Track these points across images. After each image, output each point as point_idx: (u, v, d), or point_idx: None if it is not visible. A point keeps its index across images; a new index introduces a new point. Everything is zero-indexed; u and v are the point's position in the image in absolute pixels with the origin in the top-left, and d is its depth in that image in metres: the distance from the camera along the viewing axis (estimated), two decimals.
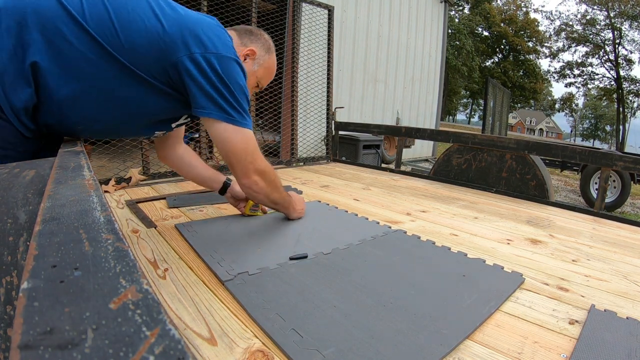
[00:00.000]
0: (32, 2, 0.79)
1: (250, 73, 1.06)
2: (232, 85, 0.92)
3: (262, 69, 1.11)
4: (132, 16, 0.84)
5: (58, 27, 0.79)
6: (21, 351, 0.17)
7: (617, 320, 0.80)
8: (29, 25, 0.78)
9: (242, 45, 1.06)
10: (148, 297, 0.22)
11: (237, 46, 1.03)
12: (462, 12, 33.62)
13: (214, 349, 0.64)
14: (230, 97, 0.92)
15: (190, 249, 1.07)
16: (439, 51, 7.82)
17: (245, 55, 1.06)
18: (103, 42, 0.82)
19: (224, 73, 0.90)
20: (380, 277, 0.93)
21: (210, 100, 0.91)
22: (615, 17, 26.97)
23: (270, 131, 4.04)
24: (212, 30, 0.92)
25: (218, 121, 0.93)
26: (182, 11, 0.93)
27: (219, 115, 0.92)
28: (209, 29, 0.91)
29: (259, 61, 1.09)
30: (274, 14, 3.43)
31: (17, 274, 0.43)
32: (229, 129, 0.94)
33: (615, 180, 5.18)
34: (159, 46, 0.86)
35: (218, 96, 0.91)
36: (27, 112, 0.82)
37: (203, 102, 0.90)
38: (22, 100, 0.79)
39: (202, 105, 0.91)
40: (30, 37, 0.77)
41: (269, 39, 1.13)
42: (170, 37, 0.86)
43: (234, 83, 0.93)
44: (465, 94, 39.44)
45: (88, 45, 0.81)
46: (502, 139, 2.23)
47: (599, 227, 1.60)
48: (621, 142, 28.12)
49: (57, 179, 0.50)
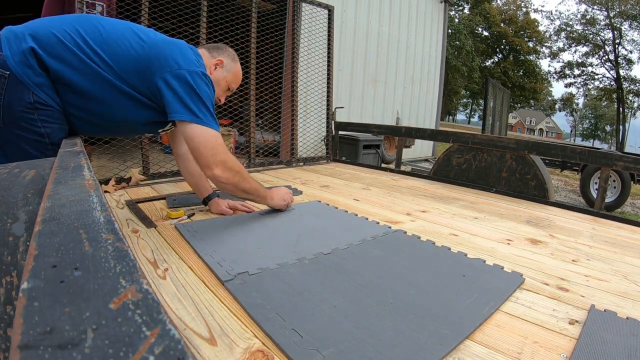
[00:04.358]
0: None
1: (221, 78, 1.29)
2: (200, 93, 1.11)
3: (231, 74, 1.31)
4: (120, 44, 1.07)
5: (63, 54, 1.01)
6: (21, 351, 0.17)
7: (617, 320, 0.80)
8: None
9: (212, 58, 1.28)
10: (148, 297, 0.22)
11: (208, 59, 1.26)
12: (462, 12, 33.61)
13: (214, 349, 0.64)
14: (198, 102, 1.10)
15: (190, 249, 1.07)
16: (439, 51, 7.81)
17: (215, 65, 1.27)
18: (99, 69, 1.04)
19: (194, 84, 1.09)
20: (381, 277, 0.93)
21: (182, 105, 1.09)
22: (615, 17, 26.97)
23: (270, 131, 4.04)
24: (181, 51, 1.12)
25: (187, 122, 1.10)
26: (156, 37, 1.14)
27: (188, 116, 1.09)
28: (178, 49, 1.12)
29: (227, 68, 1.30)
30: (274, 14, 3.43)
31: (17, 274, 0.43)
32: (196, 128, 1.10)
33: (615, 180, 5.18)
34: (142, 68, 1.08)
35: (189, 102, 1.09)
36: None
37: (176, 108, 1.09)
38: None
39: (175, 110, 1.09)
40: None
41: (232, 51, 1.35)
42: (150, 60, 1.08)
43: (202, 92, 1.11)
44: (465, 94, 39.42)
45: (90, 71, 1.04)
46: (502, 139, 2.23)
47: (599, 227, 1.60)
48: (621, 142, 28.10)
49: (57, 179, 0.50)
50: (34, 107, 0.96)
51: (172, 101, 1.08)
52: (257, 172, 2.44)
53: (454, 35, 27.80)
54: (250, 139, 2.73)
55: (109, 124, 1.15)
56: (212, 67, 1.26)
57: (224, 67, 1.29)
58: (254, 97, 2.74)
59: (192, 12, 2.51)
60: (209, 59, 1.27)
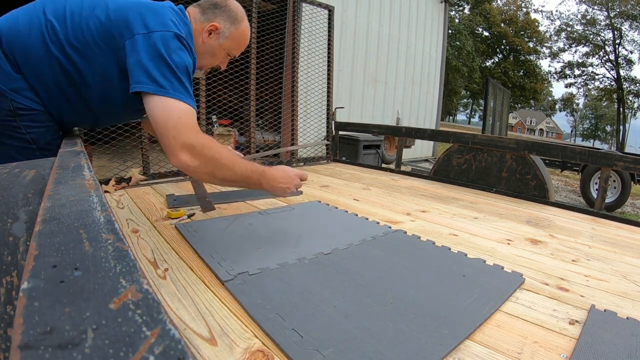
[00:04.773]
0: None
1: (216, 47, 1.11)
2: (169, 59, 0.90)
3: (229, 40, 1.12)
4: (85, 17, 0.93)
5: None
6: (21, 351, 0.17)
7: (617, 320, 0.80)
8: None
9: (206, 21, 1.08)
10: (148, 297, 0.22)
11: (200, 23, 1.07)
12: (462, 12, 33.62)
13: (214, 349, 0.64)
14: (165, 69, 0.89)
15: (190, 249, 1.07)
16: (439, 51, 7.82)
17: (208, 31, 1.08)
18: (65, 43, 0.92)
19: (162, 48, 0.89)
20: (381, 277, 0.93)
21: (144, 74, 0.88)
22: (615, 17, 26.96)
23: (270, 131, 4.04)
24: (154, 11, 0.94)
25: (149, 94, 0.88)
26: (123, 1, 0.97)
27: (149, 87, 0.87)
28: (150, 10, 0.94)
29: (225, 34, 1.10)
30: (274, 14, 3.43)
31: (17, 274, 0.43)
32: (158, 101, 0.87)
33: (616, 180, 5.18)
34: (107, 39, 0.93)
35: (152, 69, 0.88)
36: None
37: (137, 77, 0.88)
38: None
39: (136, 80, 0.89)
40: None
41: (235, 8, 1.12)
42: (116, 27, 0.92)
43: (172, 57, 0.91)
44: (466, 94, 39.43)
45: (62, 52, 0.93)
46: (502, 139, 2.23)
47: (599, 227, 1.60)
48: (621, 143, 28.11)
49: (57, 179, 0.50)
50: (15, 113, 0.91)
51: (134, 69, 0.89)
52: None
53: (454, 36, 27.81)
54: (251, 139, 2.73)
55: (90, 111, 1.04)
56: (204, 34, 1.07)
57: (220, 33, 1.10)
58: (254, 97, 2.74)
59: None
60: (201, 22, 1.08)
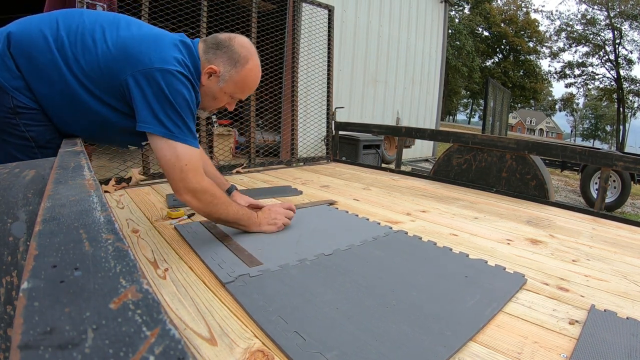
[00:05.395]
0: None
1: (217, 90, 1.07)
2: (173, 98, 0.93)
3: (231, 84, 1.07)
4: (87, 44, 0.94)
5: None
6: (21, 351, 0.17)
7: (617, 321, 0.80)
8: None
9: (206, 62, 1.05)
10: (148, 297, 0.22)
11: (202, 61, 1.05)
12: (462, 12, 33.61)
13: (214, 349, 0.64)
14: (169, 109, 0.94)
15: (191, 249, 1.07)
16: (439, 51, 7.82)
17: (208, 74, 1.05)
18: (66, 69, 0.93)
19: (165, 87, 0.92)
20: (382, 278, 0.93)
21: (150, 113, 0.93)
22: (615, 17, 26.96)
23: (270, 131, 4.04)
24: (158, 45, 0.95)
25: (155, 135, 0.95)
26: (139, 31, 0.98)
27: (156, 129, 0.94)
28: (155, 44, 0.95)
29: (224, 77, 1.05)
30: (274, 14, 3.43)
31: (17, 274, 0.43)
32: (165, 144, 0.95)
33: (616, 180, 5.18)
34: (112, 69, 0.94)
35: (157, 109, 0.93)
36: None
37: (144, 116, 0.93)
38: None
39: (142, 119, 0.94)
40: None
41: (239, 48, 1.06)
42: (122, 58, 0.93)
43: (175, 96, 0.94)
44: (466, 94, 39.42)
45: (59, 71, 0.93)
46: (502, 139, 2.23)
47: (599, 227, 1.60)
48: (621, 142, 28.09)
49: (57, 179, 0.50)
50: (15, 111, 0.92)
51: (140, 107, 0.93)
52: (257, 172, 2.44)
53: (454, 36, 27.80)
54: (250, 139, 2.73)
55: (82, 128, 1.05)
56: (204, 76, 1.05)
57: (220, 77, 1.05)
58: (254, 97, 2.74)
59: (192, 12, 2.51)
60: (203, 61, 1.05)
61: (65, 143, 0.94)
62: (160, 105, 0.93)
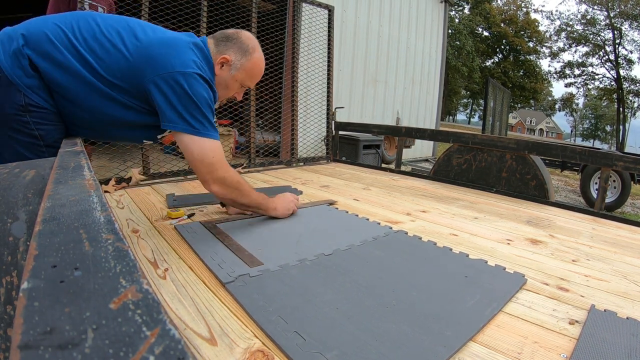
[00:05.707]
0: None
1: (229, 79, 1.16)
2: (196, 98, 1.02)
3: (242, 71, 1.17)
4: (114, 44, 0.99)
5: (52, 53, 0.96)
6: (21, 351, 0.17)
7: (617, 321, 0.80)
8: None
9: (218, 53, 1.13)
10: (148, 297, 0.22)
11: (214, 54, 1.13)
12: (462, 12, 33.61)
13: (214, 349, 0.64)
14: (194, 109, 1.02)
15: (190, 249, 1.07)
16: (439, 51, 7.82)
17: (220, 64, 1.13)
18: (85, 71, 0.97)
19: (188, 88, 1.00)
20: (383, 278, 0.93)
21: (175, 113, 1.01)
22: (615, 17, 26.96)
23: (270, 131, 4.04)
24: (176, 50, 1.02)
25: (182, 133, 1.04)
26: (154, 35, 1.04)
27: (183, 127, 1.02)
28: (174, 49, 1.02)
29: (236, 65, 1.15)
30: (274, 14, 3.43)
31: (17, 274, 0.43)
32: (190, 140, 1.04)
33: (616, 180, 5.18)
34: (132, 72, 1.00)
35: (182, 109, 1.01)
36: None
37: (169, 116, 1.02)
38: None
39: (168, 119, 1.02)
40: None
41: (247, 40, 1.17)
42: (141, 62, 1.00)
43: (198, 96, 1.02)
44: (466, 94, 39.42)
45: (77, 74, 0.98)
46: (502, 139, 2.23)
47: (599, 227, 1.60)
48: (621, 142, 28.09)
49: (57, 179, 0.50)
50: (26, 109, 0.94)
51: (164, 108, 1.01)
52: (257, 172, 2.44)
53: (454, 36, 27.81)
54: (250, 139, 2.73)
55: (100, 128, 1.09)
56: (217, 66, 1.13)
57: (232, 65, 1.15)
58: (254, 97, 2.74)
59: (192, 12, 2.51)
60: (215, 54, 1.14)
61: (65, 143, 0.94)
62: (183, 105, 1.00)
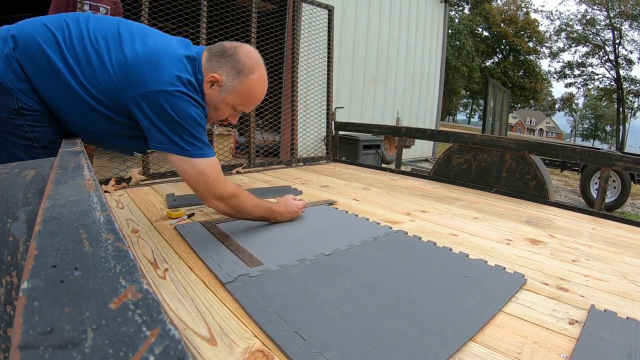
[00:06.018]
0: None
1: (218, 100, 1.04)
2: (181, 119, 0.94)
3: (234, 95, 1.03)
4: (92, 60, 0.93)
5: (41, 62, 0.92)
6: (21, 351, 0.17)
7: (617, 321, 0.80)
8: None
9: (209, 70, 1.02)
10: (148, 297, 0.22)
11: (205, 70, 1.02)
12: (462, 12, 33.61)
13: (214, 349, 0.64)
14: (180, 130, 0.95)
15: (190, 249, 1.07)
16: (439, 51, 7.82)
17: (210, 82, 1.02)
18: (70, 80, 0.93)
19: (170, 109, 0.93)
20: (383, 279, 0.93)
21: (162, 135, 0.95)
22: (615, 17, 26.95)
23: (270, 131, 4.04)
24: (157, 65, 0.93)
25: (172, 154, 0.98)
26: (133, 50, 0.95)
27: (172, 149, 0.97)
28: (154, 64, 0.93)
29: (227, 87, 1.02)
30: (274, 14, 3.43)
31: (17, 274, 0.43)
32: (183, 161, 0.99)
33: (615, 180, 5.18)
34: (113, 86, 0.94)
35: (168, 132, 0.95)
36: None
37: (156, 137, 0.96)
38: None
39: (155, 140, 0.97)
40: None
41: (244, 58, 1.02)
42: (119, 83, 0.94)
43: (182, 116, 0.94)
44: (466, 94, 39.43)
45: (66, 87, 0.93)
46: (502, 139, 2.23)
47: (599, 227, 1.60)
48: (621, 142, 28.09)
49: (57, 179, 0.50)
50: (20, 112, 0.92)
51: (149, 128, 0.95)
52: (257, 172, 2.44)
53: (454, 36, 27.81)
54: (250, 139, 2.73)
55: (92, 134, 1.05)
56: (206, 85, 1.02)
57: (222, 87, 1.02)
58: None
59: (192, 12, 2.51)
60: (206, 70, 1.02)
61: (65, 143, 0.94)
62: (168, 126, 0.94)
